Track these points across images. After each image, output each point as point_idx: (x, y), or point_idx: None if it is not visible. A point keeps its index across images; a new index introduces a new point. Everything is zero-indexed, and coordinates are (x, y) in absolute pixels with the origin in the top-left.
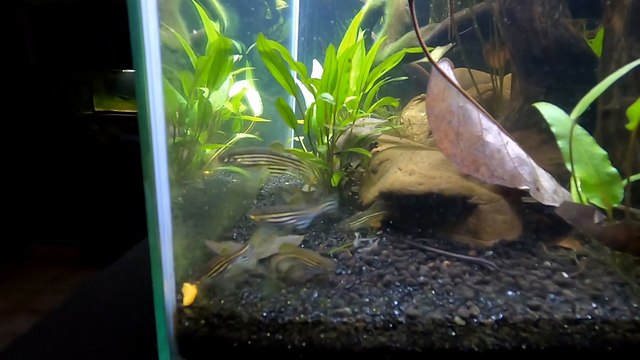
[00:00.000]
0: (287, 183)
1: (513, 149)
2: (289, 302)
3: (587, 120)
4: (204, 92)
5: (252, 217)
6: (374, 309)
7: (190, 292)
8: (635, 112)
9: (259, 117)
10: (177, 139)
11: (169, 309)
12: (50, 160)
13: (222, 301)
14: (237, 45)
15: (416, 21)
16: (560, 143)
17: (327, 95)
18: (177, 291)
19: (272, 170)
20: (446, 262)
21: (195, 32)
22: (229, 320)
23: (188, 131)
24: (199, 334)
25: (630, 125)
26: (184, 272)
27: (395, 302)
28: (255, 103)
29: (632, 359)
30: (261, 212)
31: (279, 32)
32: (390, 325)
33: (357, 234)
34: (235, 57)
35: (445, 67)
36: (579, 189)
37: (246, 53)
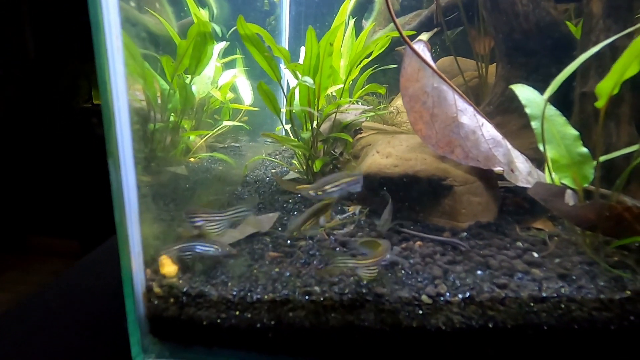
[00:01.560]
0: (273, 170)
1: (488, 130)
2: (258, 282)
3: (565, 103)
4: (184, 77)
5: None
6: (343, 288)
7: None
8: (604, 90)
9: (249, 105)
10: (157, 124)
11: (138, 288)
12: (50, 153)
13: (192, 280)
14: (218, 29)
15: (391, 6)
16: (533, 124)
17: (307, 78)
18: (147, 269)
19: None
20: (418, 242)
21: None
22: (198, 299)
23: (171, 117)
24: (169, 313)
25: (599, 103)
26: (156, 252)
27: (364, 281)
28: (246, 91)
29: (598, 336)
30: (316, 186)
31: (277, 23)
32: (358, 304)
33: (337, 216)
34: (222, 44)
35: (420, 47)
36: (550, 170)
37: (227, 36)
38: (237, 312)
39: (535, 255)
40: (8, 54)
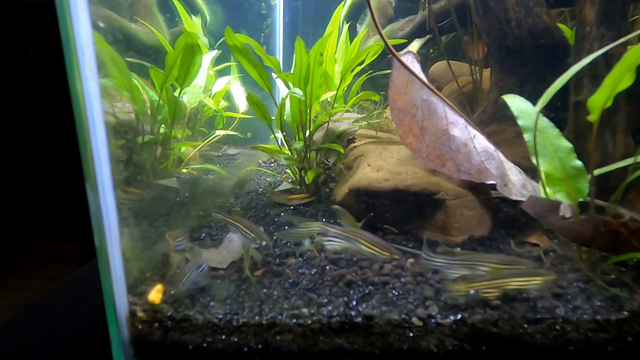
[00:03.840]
0: (267, 179)
1: (480, 142)
2: (245, 304)
3: (560, 113)
4: (176, 86)
5: None
6: (332, 310)
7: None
8: (596, 103)
9: (244, 113)
10: (146, 137)
11: (121, 312)
12: (49, 158)
13: (176, 304)
14: (206, 40)
15: (374, 12)
16: (526, 136)
17: (296, 90)
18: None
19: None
20: (410, 260)
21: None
22: (182, 323)
23: (161, 129)
24: (154, 337)
25: (592, 117)
26: (141, 275)
27: (354, 303)
28: (240, 99)
29: (594, 358)
30: None
31: (272, 28)
32: (347, 327)
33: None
34: (213, 53)
35: (409, 59)
36: (544, 184)
37: (215, 47)
38: (223, 336)
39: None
40: (6, 58)
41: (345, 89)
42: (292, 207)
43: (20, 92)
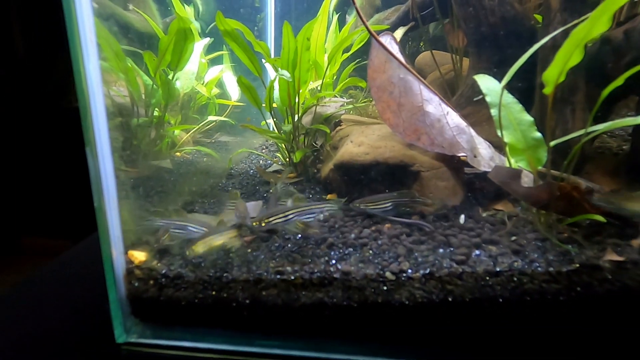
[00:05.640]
0: (261, 162)
1: (453, 118)
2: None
3: (529, 93)
4: (168, 72)
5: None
6: (313, 268)
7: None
8: (550, 78)
9: (236, 101)
10: (141, 119)
11: (119, 271)
12: (40, 153)
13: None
14: (198, 26)
15: (357, 4)
16: (492, 111)
17: (284, 72)
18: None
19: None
20: (387, 225)
21: (168, 20)
22: (176, 280)
23: (155, 112)
24: (149, 294)
25: (547, 90)
26: (136, 238)
27: (334, 261)
28: (232, 87)
29: (548, 307)
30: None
31: (264, 20)
32: (327, 282)
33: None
34: (206, 41)
35: (387, 40)
36: (508, 154)
37: (207, 32)
38: (214, 292)
39: (493, 234)
40: None
41: (334, 77)
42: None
43: (11, 89)
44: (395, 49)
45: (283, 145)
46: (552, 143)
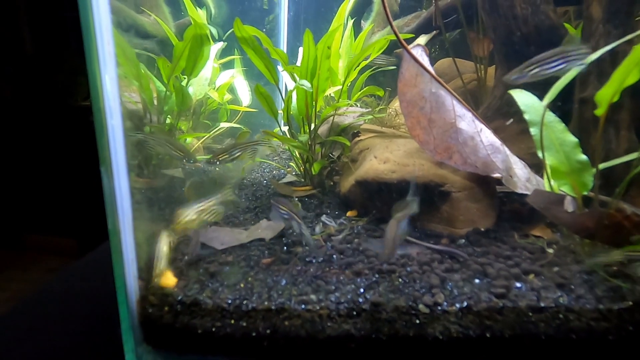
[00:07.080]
0: (273, 172)
1: (487, 136)
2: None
3: (565, 109)
4: (180, 79)
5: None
6: (339, 297)
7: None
8: (603, 98)
9: (247, 106)
10: (152, 126)
11: (132, 295)
12: (47, 151)
13: (187, 288)
14: (215, 31)
15: (388, 10)
16: (532, 130)
17: (304, 82)
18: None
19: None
20: (416, 250)
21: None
22: (192, 307)
23: (167, 119)
24: (163, 321)
25: (599, 111)
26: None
27: (362, 290)
28: (244, 92)
29: (596, 347)
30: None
31: (276, 22)
32: (354, 313)
33: (332, 222)
34: (219, 45)
35: (419, 52)
36: (549, 177)
37: (223, 39)
38: (232, 321)
39: (533, 263)
40: (5, 49)
41: (349, 85)
42: (296, 199)
43: (18, 87)
44: (426, 62)
45: (298, 154)
46: (602, 166)
